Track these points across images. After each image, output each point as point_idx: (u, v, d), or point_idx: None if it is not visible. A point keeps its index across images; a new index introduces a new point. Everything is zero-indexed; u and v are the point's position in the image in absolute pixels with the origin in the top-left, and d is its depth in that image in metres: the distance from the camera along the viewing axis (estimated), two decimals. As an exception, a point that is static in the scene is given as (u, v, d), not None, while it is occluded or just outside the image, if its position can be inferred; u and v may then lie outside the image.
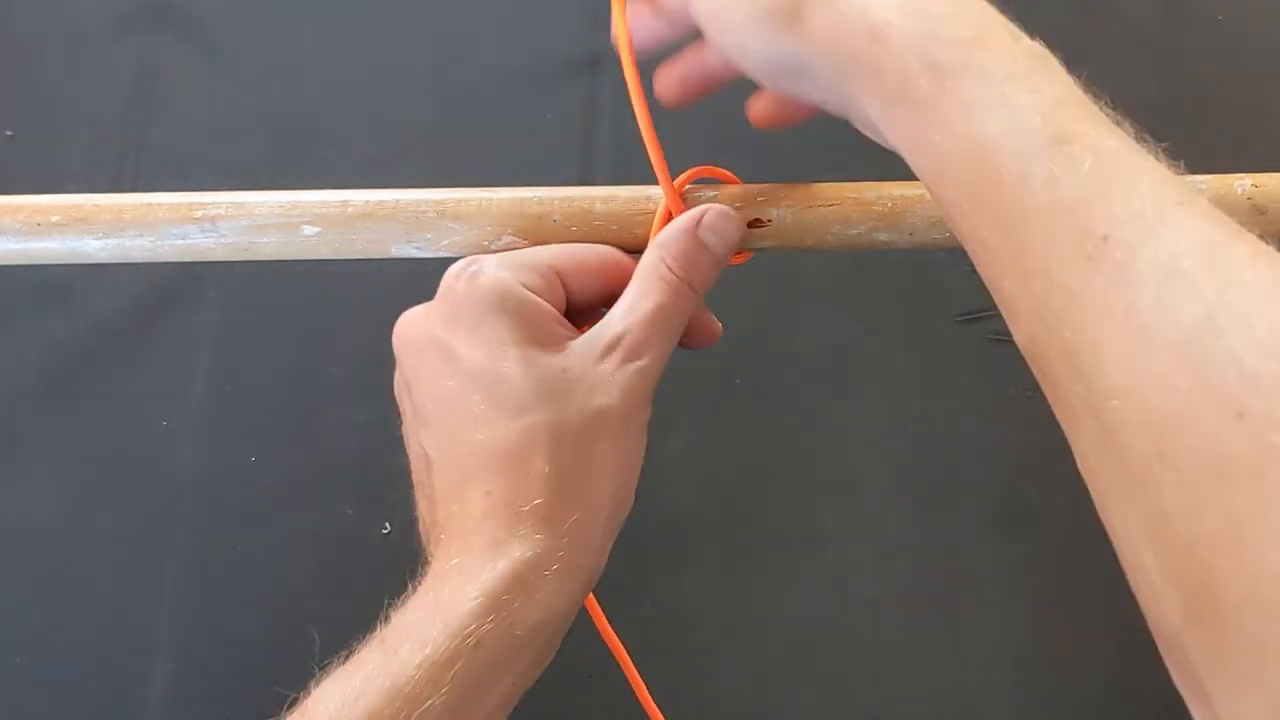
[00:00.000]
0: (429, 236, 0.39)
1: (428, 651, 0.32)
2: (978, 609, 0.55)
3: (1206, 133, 0.63)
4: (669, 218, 0.39)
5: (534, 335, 0.36)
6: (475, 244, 0.40)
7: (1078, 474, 0.62)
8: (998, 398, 0.58)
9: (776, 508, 0.56)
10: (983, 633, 0.54)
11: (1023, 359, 0.49)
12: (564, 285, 0.38)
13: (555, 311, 0.37)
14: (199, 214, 0.39)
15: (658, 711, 0.44)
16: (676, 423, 0.57)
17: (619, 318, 0.37)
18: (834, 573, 0.55)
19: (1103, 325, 0.26)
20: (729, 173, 0.41)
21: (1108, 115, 0.31)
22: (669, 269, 0.37)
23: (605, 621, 0.43)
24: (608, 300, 0.38)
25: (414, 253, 0.40)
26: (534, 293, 0.36)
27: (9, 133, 0.63)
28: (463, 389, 0.35)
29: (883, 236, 0.39)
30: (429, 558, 0.35)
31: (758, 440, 0.57)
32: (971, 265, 0.65)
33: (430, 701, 0.31)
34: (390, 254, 0.40)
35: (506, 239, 0.39)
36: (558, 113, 0.63)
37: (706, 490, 0.57)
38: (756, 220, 0.39)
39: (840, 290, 0.60)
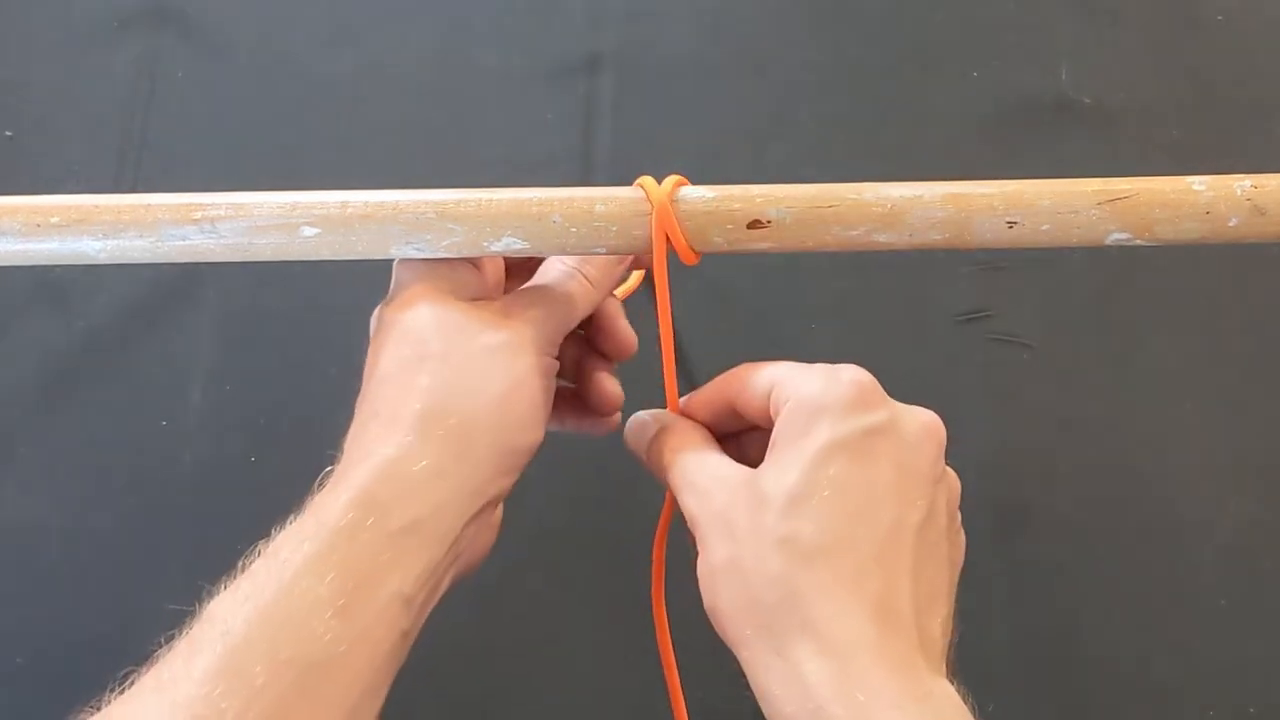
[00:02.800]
0: (429, 237, 0.39)
1: (306, 548, 0.34)
2: (978, 609, 0.55)
3: (1206, 133, 0.63)
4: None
5: (453, 290, 0.40)
6: (475, 244, 0.40)
7: (1078, 474, 0.62)
8: (998, 398, 0.58)
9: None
10: (983, 634, 0.54)
11: (1022, 359, 0.50)
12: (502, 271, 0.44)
13: (484, 280, 0.42)
14: (198, 215, 0.39)
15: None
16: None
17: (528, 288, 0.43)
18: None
19: None
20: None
21: None
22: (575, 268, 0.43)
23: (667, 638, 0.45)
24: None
25: (414, 253, 0.40)
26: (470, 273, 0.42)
27: (9, 133, 0.63)
28: (385, 336, 0.40)
29: (882, 237, 0.39)
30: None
31: (758, 440, 0.57)
32: (971, 265, 0.66)
33: (317, 592, 0.33)
34: (390, 255, 0.40)
35: (506, 240, 0.39)
36: (558, 113, 0.63)
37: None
38: (756, 221, 0.39)
39: (840, 291, 0.60)
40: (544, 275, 0.44)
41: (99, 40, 0.64)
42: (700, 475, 0.40)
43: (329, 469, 0.37)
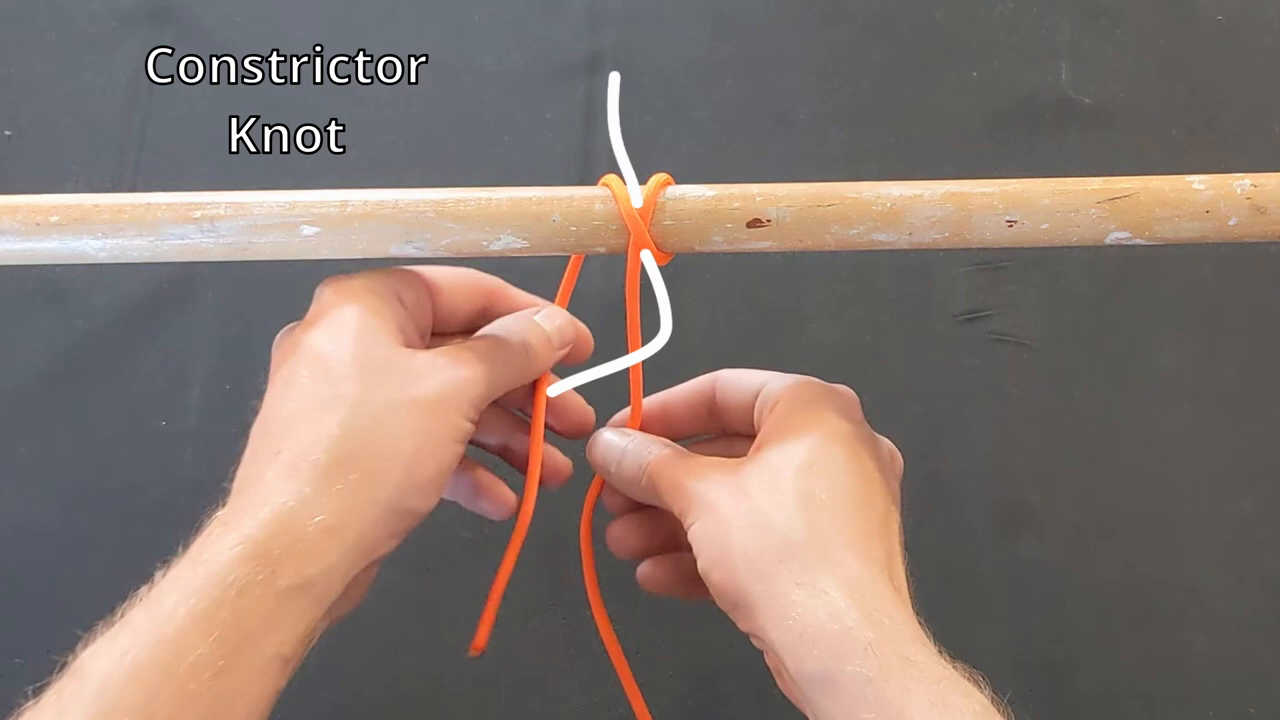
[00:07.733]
0: (428, 236, 0.39)
1: (192, 602, 0.32)
2: (977, 609, 0.55)
3: (1206, 133, 0.63)
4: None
5: (380, 326, 0.38)
6: (474, 244, 0.40)
7: (1078, 474, 0.62)
8: (998, 398, 0.58)
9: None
10: (982, 633, 0.54)
11: (1022, 359, 0.50)
12: (434, 297, 0.42)
13: (409, 317, 0.40)
14: (198, 214, 0.39)
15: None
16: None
17: (467, 338, 0.41)
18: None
19: None
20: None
21: None
22: (538, 321, 0.43)
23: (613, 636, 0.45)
24: (480, 322, 0.43)
25: (413, 253, 0.40)
26: (401, 299, 0.40)
27: (8, 133, 0.63)
28: (297, 364, 0.37)
29: (882, 236, 0.39)
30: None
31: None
32: (971, 265, 0.66)
33: (199, 650, 0.32)
34: (389, 254, 0.40)
35: (505, 238, 0.39)
36: (557, 113, 0.63)
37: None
38: (755, 220, 0.39)
39: (839, 290, 0.60)
40: (498, 327, 0.43)
41: (99, 40, 0.65)
42: (696, 464, 0.40)
43: (220, 504, 0.36)
